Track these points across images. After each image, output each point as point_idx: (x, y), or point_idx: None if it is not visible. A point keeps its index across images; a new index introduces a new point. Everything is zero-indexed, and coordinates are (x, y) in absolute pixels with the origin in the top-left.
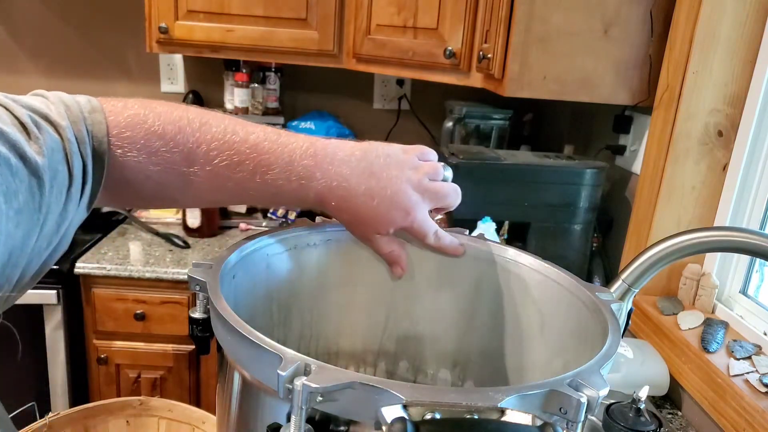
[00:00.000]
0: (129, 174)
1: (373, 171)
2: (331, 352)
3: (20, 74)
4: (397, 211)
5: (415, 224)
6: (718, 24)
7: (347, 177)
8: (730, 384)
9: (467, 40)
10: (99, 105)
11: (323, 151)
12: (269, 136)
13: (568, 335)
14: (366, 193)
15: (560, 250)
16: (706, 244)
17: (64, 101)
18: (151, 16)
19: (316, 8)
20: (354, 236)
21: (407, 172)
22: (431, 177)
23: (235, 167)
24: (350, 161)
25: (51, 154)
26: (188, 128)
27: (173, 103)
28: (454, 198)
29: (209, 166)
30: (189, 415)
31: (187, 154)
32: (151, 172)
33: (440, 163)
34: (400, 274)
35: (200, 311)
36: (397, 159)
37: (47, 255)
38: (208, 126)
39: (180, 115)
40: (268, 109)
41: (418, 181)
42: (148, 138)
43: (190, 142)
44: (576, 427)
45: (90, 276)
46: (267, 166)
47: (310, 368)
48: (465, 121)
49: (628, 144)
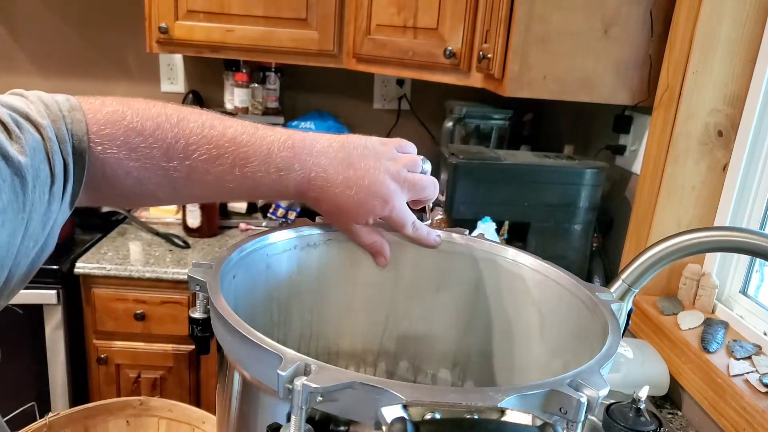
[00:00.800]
0: (109, 171)
1: (351, 161)
2: (331, 352)
3: (20, 74)
4: (375, 200)
5: (393, 213)
6: (718, 24)
7: (325, 167)
8: (730, 384)
9: (467, 40)
10: (78, 104)
11: (301, 143)
12: (247, 129)
13: (568, 335)
14: (344, 183)
15: (560, 250)
16: (706, 244)
17: (43, 100)
18: (151, 16)
19: (316, 8)
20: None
21: (385, 163)
22: (410, 168)
23: (214, 161)
24: (328, 152)
25: (33, 154)
26: (167, 124)
27: (151, 100)
28: (432, 190)
29: (188, 161)
30: (189, 415)
31: (167, 150)
32: (131, 168)
33: (419, 156)
34: (384, 264)
35: (200, 311)
36: (375, 150)
37: (34, 255)
38: (186, 121)
39: (158, 112)
40: (268, 109)
41: (396, 171)
42: (128, 134)
43: (168, 137)
44: (576, 427)
45: (90, 276)
46: (245, 159)
47: (310, 368)
48: (465, 121)
49: (628, 144)
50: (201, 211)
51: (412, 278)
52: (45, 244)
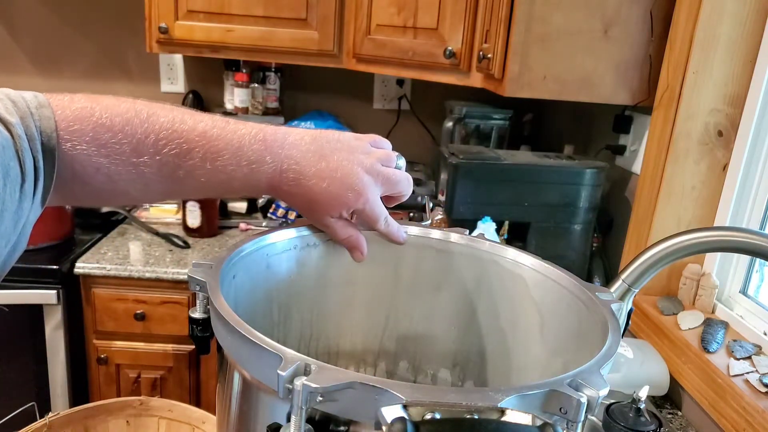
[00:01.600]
0: (79, 167)
1: (324, 154)
2: (331, 352)
3: (20, 74)
4: (349, 192)
5: (367, 207)
6: (718, 24)
7: (298, 160)
8: (730, 384)
9: (467, 40)
10: (46, 100)
11: (273, 136)
12: (218, 123)
13: (568, 335)
14: (317, 175)
15: (560, 250)
16: (706, 244)
17: (10, 98)
18: (151, 16)
19: (316, 8)
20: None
21: (358, 156)
22: (384, 162)
23: (185, 155)
24: (300, 145)
25: (2, 152)
26: (136, 119)
27: (121, 97)
28: (405, 186)
29: (159, 156)
30: (189, 415)
31: (136, 145)
32: (101, 164)
33: (394, 152)
34: (361, 258)
35: (200, 311)
36: (349, 144)
37: (6, 254)
38: (156, 117)
39: (127, 108)
40: (268, 109)
41: (370, 164)
42: (96, 130)
43: (138, 132)
44: (576, 427)
45: (90, 276)
46: (216, 153)
47: (310, 368)
48: (465, 121)
49: (628, 144)
50: (201, 211)
51: (412, 278)
52: (17, 243)
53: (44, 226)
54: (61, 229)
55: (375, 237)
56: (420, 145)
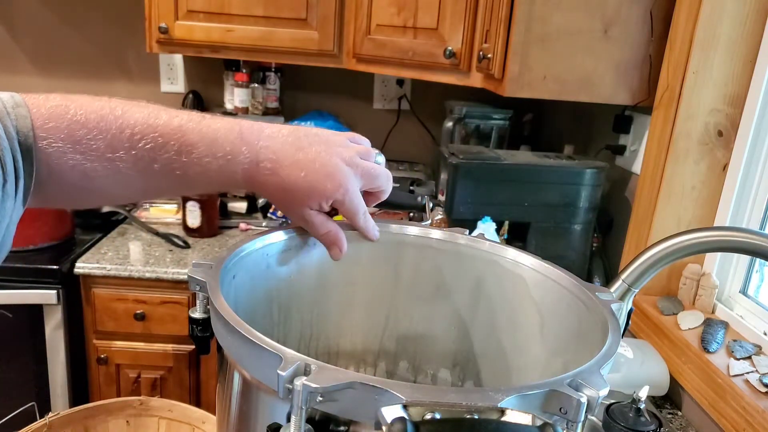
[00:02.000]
0: (55, 165)
1: (301, 146)
2: (331, 352)
3: (20, 74)
4: (328, 182)
5: (346, 198)
6: (718, 24)
7: (274, 150)
8: (730, 384)
9: (467, 40)
10: (22, 100)
11: (249, 129)
12: (193, 117)
13: (568, 335)
14: (293, 165)
15: (560, 250)
16: (706, 244)
17: None
18: (151, 16)
19: (316, 8)
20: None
21: (337, 148)
22: (363, 156)
23: (160, 149)
24: (277, 137)
25: None
26: (110, 116)
27: (96, 96)
28: (385, 181)
29: (134, 150)
30: (189, 415)
31: (111, 140)
32: (77, 161)
33: (374, 148)
34: (339, 256)
35: (200, 311)
36: (327, 138)
37: None
38: (130, 112)
39: (102, 105)
40: (268, 109)
41: (349, 157)
42: (71, 127)
43: (113, 128)
44: (576, 427)
45: (90, 276)
46: (191, 145)
47: (310, 368)
48: (465, 121)
49: (628, 144)
50: (201, 211)
51: (412, 278)
52: (2, 244)
53: (44, 226)
54: (62, 229)
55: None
56: (420, 145)
